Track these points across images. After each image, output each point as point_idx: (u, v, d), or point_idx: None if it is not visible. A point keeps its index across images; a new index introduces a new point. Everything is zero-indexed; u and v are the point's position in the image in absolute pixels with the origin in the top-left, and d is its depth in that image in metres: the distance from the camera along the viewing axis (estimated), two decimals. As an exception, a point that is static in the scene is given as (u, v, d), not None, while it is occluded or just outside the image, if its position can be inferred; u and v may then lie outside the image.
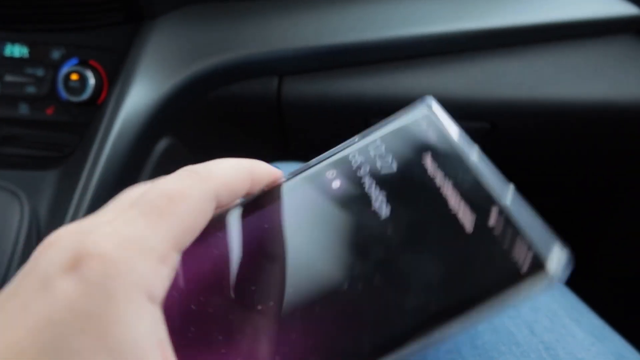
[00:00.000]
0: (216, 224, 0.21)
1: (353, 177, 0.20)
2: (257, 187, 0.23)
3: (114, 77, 0.56)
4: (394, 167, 0.20)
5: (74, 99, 0.55)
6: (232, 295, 0.19)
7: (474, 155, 0.18)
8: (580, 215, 0.93)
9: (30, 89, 0.57)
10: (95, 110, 0.56)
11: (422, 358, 0.45)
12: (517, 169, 0.81)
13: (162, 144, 0.61)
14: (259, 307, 0.18)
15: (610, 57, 0.59)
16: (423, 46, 0.58)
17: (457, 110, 0.60)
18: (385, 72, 0.59)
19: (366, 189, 0.20)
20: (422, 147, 0.19)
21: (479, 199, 0.17)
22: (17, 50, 0.58)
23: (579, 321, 0.41)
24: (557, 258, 0.15)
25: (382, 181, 0.19)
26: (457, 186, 0.18)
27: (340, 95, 0.58)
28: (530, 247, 0.16)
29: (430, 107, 0.20)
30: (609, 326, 0.42)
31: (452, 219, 0.17)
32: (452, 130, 0.19)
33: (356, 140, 0.22)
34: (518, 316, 0.42)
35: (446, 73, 0.59)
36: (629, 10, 0.58)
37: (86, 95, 0.55)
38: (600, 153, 0.73)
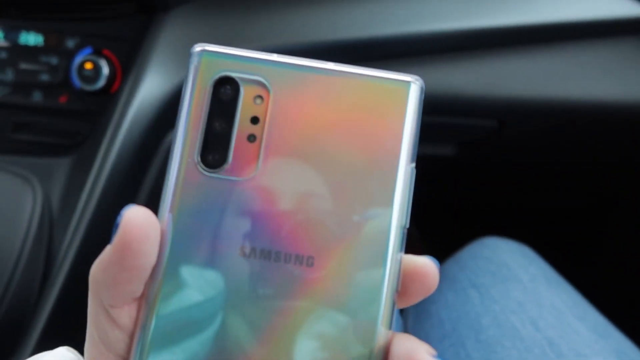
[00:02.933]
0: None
1: None
2: None
3: (128, 67, 0.57)
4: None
5: (88, 87, 0.56)
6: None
7: None
8: (584, 213, 0.94)
9: (45, 77, 0.58)
10: (108, 99, 0.57)
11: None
12: (523, 166, 0.81)
13: (173, 134, 0.61)
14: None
15: (619, 57, 0.59)
16: (433, 43, 0.59)
17: (465, 107, 0.60)
18: (395, 68, 0.59)
19: None
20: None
21: None
22: (32, 39, 0.58)
23: (582, 318, 0.41)
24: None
25: None
26: None
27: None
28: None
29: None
30: (612, 323, 0.43)
31: None
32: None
33: None
34: (522, 312, 0.42)
35: (455, 70, 0.59)
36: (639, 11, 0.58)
37: (100, 84, 0.56)
38: (607, 152, 0.74)
